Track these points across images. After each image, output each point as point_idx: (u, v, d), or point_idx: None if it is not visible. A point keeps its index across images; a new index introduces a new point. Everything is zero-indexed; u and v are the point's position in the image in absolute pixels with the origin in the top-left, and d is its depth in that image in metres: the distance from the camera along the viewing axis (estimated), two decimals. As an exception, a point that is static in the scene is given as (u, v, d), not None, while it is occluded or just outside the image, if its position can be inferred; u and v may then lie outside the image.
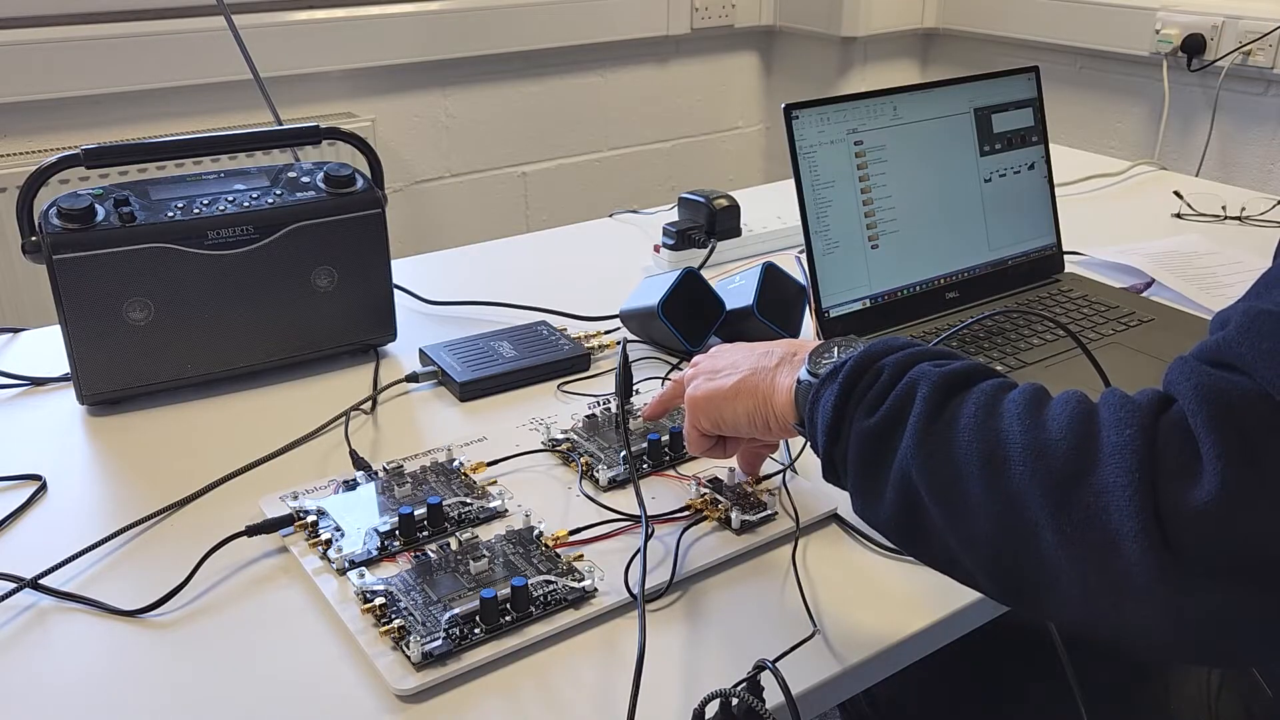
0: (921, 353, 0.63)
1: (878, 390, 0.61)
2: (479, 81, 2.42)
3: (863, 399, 0.62)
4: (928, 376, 0.59)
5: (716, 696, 0.59)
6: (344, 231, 1.01)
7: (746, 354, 0.75)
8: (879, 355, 0.63)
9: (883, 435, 0.60)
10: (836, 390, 0.63)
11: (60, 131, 1.99)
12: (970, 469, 0.55)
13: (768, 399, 0.71)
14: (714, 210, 1.30)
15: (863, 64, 2.71)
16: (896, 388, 0.60)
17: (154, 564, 0.77)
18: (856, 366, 0.63)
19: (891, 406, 0.60)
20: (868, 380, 0.62)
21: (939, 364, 0.61)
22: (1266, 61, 2.13)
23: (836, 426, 0.62)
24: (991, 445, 0.55)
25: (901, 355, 0.63)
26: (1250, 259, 1.32)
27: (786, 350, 0.73)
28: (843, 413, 0.62)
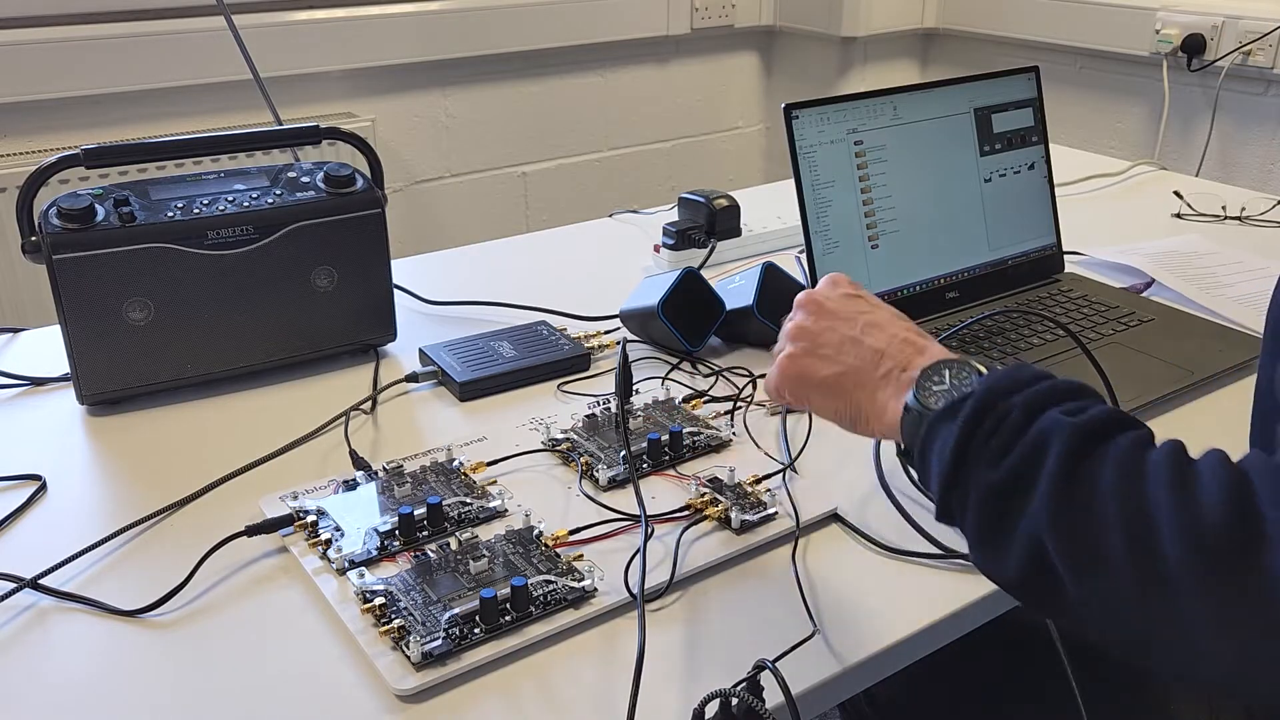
0: (1047, 392, 0.58)
1: (1003, 438, 0.56)
2: (479, 81, 2.42)
3: (985, 446, 0.57)
4: (1060, 429, 0.55)
5: (716, 696, 0.59)
6: (344, 231, 1.01)
7: (853, 334, 0.69)
8: (1001, 394, 0.58)
9: (1010, 492, 0.55)
10: (956, 435, 0.57)
11: (60, 131, 1.99)
12: (1114, 543, 0.51)
13: (864, 412, 0.67)
14: (714, 210, 1.30)
15: (863, 64, 2.71)
16: (1024, 439, 0.56)
17: (154, 564, 0.77)
18: (979, 409, 0.58)
19: (1020, 460, 0.55)
20: (990, 425, 0.57)
21: (1069, 410, 0.56)
22: (1266, 61, 2.13)
23: (955, 473, 0.58)
24: (1138, 519, 0.51)
25: (1029, 396, 0.57)
26: (1250, 259, 1.32)
27: (896, 352, 0.67)
28: (963, 459, 0.57)
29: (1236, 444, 0.90)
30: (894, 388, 0.65)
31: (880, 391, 0.66)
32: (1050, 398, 0.58)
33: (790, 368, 0.70)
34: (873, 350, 0.68)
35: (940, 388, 0.62)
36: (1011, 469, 0.55)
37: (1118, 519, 0.51)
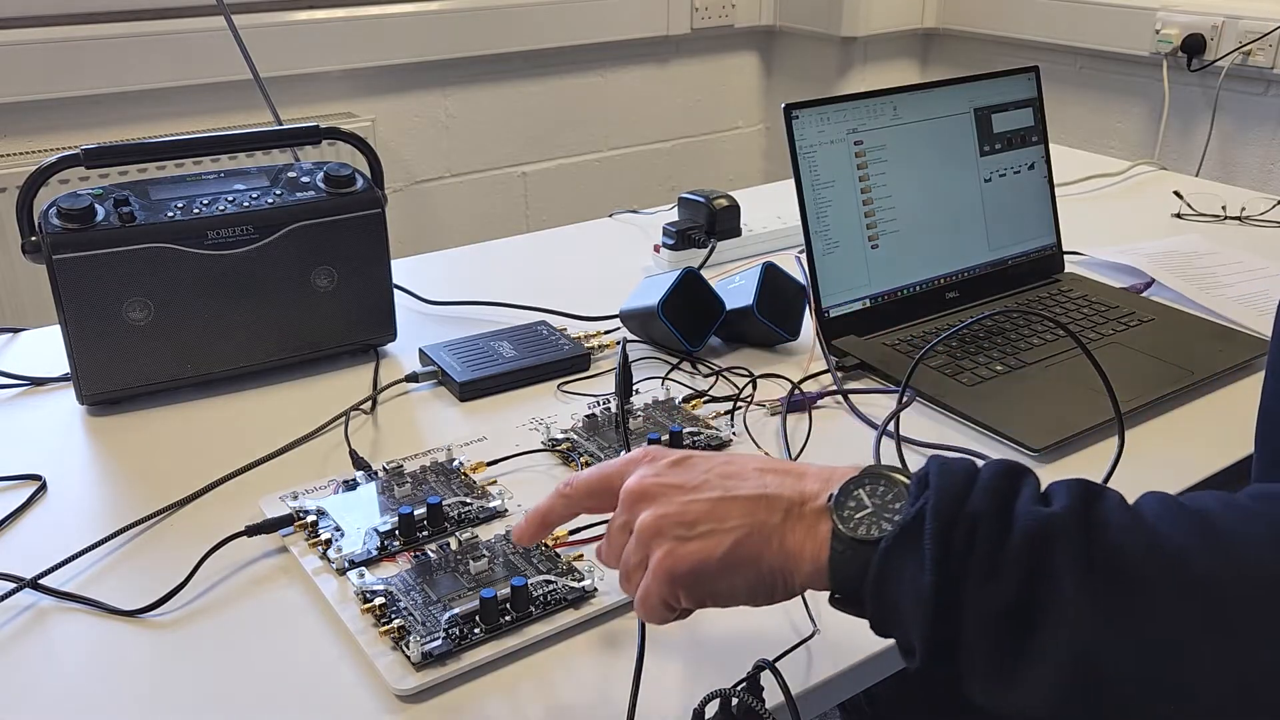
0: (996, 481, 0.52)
1: (985, 553, 0.49)
2: (479, 81, 2.42)
3: (966, 566, 0.49)
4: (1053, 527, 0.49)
5: (716, 696, 0.59)
6: (344, 231, 1.01)
7: (719, 495, 0.57)
8: (955, 501, 0.51)
9: (1020, 614, 0.48)
10: (930, 565, 0.50)
11: (60, 131, 1.99)
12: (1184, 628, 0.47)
13: (779, 571, 0.55)
14: (714, 210, 1.30)
15: (863, 64, 2.71)
16: (1010, 546, 0.49)
17: (154, 564, 0.77)
18: (944, 525, 0.50)
19: (1022, 573, 0.49)
20: (962, 540, 0.50)
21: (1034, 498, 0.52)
22: (1266, 61, 2.13)
23: (941, 608, 0.50)
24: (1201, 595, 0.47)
25: (985, 497, 0.51)
26: (1250, 259, 1.32)
27: (778, 488, 0.57)
28: (945, 590, 0.49)
29: (1236, 445, 0.90)
30: (803, 527, 0.55)
31: (788, 538, 0.55)
32: (1005, 489, 0.52)
33: (676, 565, 0.56)
34: (753, 499, 0.57)
35: (864, 513, 0.54)
36: (1014, 586, 0.49)
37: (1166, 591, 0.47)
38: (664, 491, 0.58)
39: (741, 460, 0.60)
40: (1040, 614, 0.48)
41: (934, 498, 0.51)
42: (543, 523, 0.64)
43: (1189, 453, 0.90)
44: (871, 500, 0.54)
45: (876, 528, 0.53)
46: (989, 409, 0.94)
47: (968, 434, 0.93)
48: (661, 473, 0.59)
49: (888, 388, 1.00)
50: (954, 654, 0.51)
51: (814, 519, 0.55)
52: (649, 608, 0.58)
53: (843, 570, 0.54)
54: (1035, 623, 0.48)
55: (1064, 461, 0.89)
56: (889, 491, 0.54)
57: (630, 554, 0.59)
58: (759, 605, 0.57)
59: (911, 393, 0.97)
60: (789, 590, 0.56)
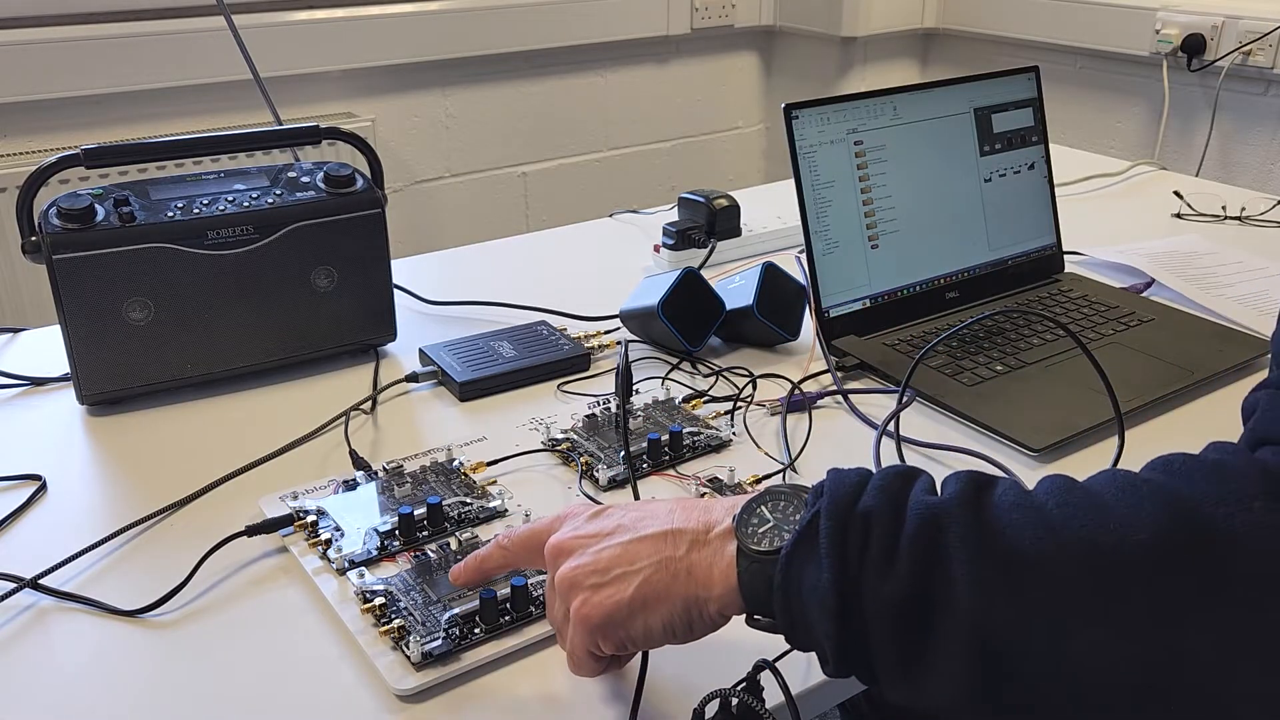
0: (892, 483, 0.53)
1: (879, 545, 0.50)
2: (479, 81, 2.42)
3: (863, 560, 0.50)
4: (942, 509, 0.50)
5: (716, 696, 0.59)
6: (344, 231, 1.01)
7: (635, 532, 0.58)
8: (848, 502, 0.52)
9: (919, 600, 0.49)
10: (827, 564, 0.50)
11: (60, 131, 1.99)
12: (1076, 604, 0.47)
13: (690, 600, 0.56)
14: (714, 210, 1.30)
15: (863, 64, 2.71)
16: (904, 536, 0.50)
17: (154, 564, 0.77)
18: (837, 525, 0.51)
19: (916, 560, 0.49)
20: (857, 538, 0.51)
21: (925, 489, 0.53)
22: (1266, 61, 2.13)
23: (843, 605, 0.50)
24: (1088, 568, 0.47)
25: (876, 495, 0.52)
26: (1250, 259, 1.32)
27: (683, 520, 0.58)
28: (844, 587, 0.50)
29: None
30: (709, 552, 0.56)
31: (695, 567, 0.56)
32: (895, 486, 0.53)
33: (591, 613, 0.57)
34: (659, 535, 0.57)
35: (766, 527, 0.54)
36: (909, 573, 0.49)
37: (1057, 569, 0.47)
38: (579, 544, 0.60)
39: (654, 504, 0.61)
40: (937, 600, 0.49)
41: (827, 500, 0.52)
42: (479, 568, 0.67)
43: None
44: (773, 515, 0.55)
45: (778, 538, 0.54)
46: (989, 409, 0.94)
47: (968, 434, 0.93)
48: (579, 526, 0.61)
49: (888, 388, 1.00)
50: (864, 655, 0.51)
51: (720, 543, 0.56)
52: (576, 660, 0.60)
53: (751, 586, 0.54)
54: (933, 610, 0.49)
55: (1064, 461, 0.89)
56: (789, 504, 0.55)
57: (556, 611, 0.61)
58: (681, 642, 0.58)
59: (911, 393, 0.97)
60: (707, 619, 0.57)
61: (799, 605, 0.52)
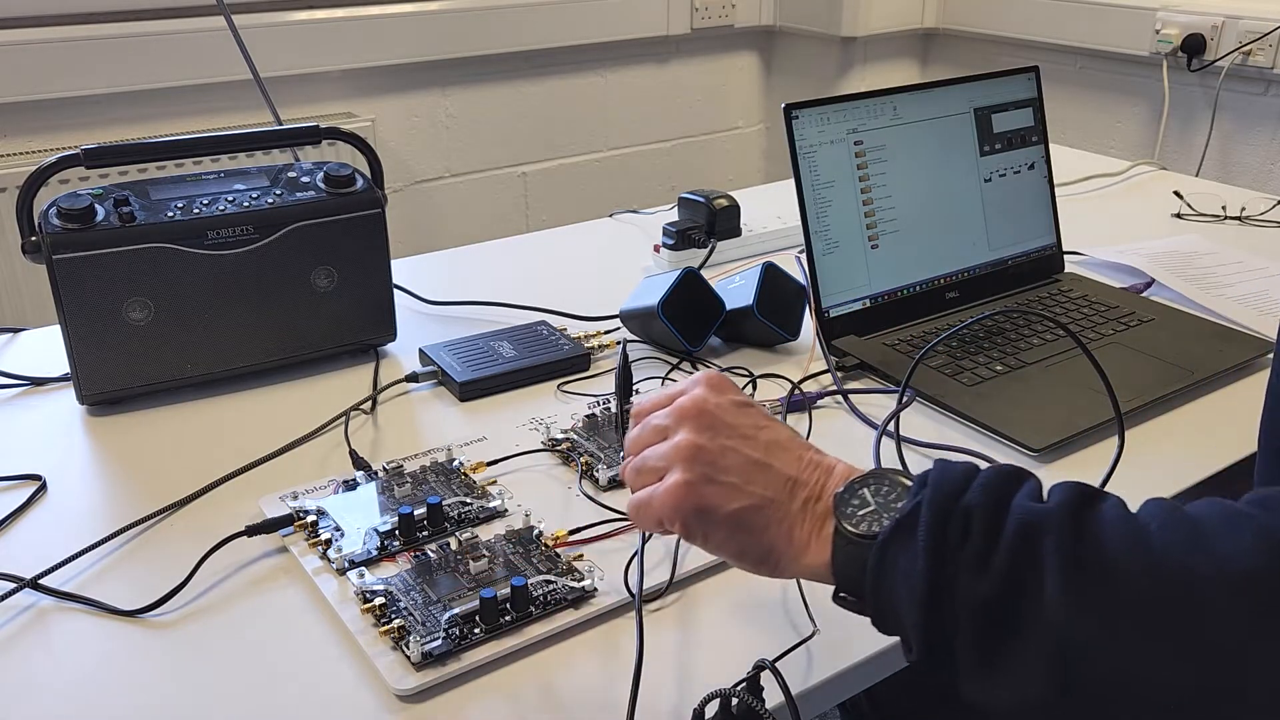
0: (996, 483, 0.53)
1: (978, 544, 0.51)
2: (479, 81, 2.42)
3: (960, 555, 0.51)
4: (1044, 516, 0.51)
5: (716, 696, 0.59)
6: (344, 231, 1.01)
7: (758, 457, 0.59)
8: (951, 497, 0.52)
9: (1008, 603, 0.50)
10: (924, 555, 0.51)
11: (60, 131, 1.99)
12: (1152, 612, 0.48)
13: (777, 551, 0.57)
14: (714, 210, 1.30)
15: (863, 64, 2.71)
16: (1004, 538, 0.51)
17: (154, 564, 0.77)
18: (937, 518, 0.52)
19: (1011, 564, 0.50)
20: (956, 532, 0.51)
21: (1030, 495, 0.53)
22: (1266, 61, 2.13)
23: (934, 597, 0.51)
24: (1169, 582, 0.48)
25: (980, 493, 0.52)
26: (1250, 259, 1.32)
27: (808, 478, 0.59)
28: (939, 579, 0.51)
29: (1236, 445, 0.90)
30: (812, 522, 0.57)
31: (797, 528, 0.57)
32: (1002, 487, 0.53)
33: (688, 498, 0.58)
34: (784, 478, 0.58)
35: (866, 510, 0.55)
36: (1003, 575, 0.50)
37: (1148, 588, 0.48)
38: (714, 425, 0.59)
39: (789, 437, 0.61)
40: (1026, 604, 0.49)
41: (931, 492, 0.53)
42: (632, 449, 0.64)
43: (1189, 453, 0.90)
44: (874, 499, 0.55)
45: (877, 523, 0.54)
46: (989, 409, 0.94)
47: (968, 434, 0.93)
48: (721, 407, 0.60)
49: (888, 388, 1.00)
50: (949, 647, 0.52)
51: (823, 517, 0.57)
52: (643, 514, 0.60)
53: (845, 566, 0.55)
54: (1021, 612, 0.50)
55: (1064, 461, 0.89)
56: (892, 490, 0.56)
57: (653, 457, 0.60)
58: (740, 568, 0.59)
59: (911, 393, 0.97)
60: (776, 571, 0.58)
61: (890, 591, 0.53)
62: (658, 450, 0.60)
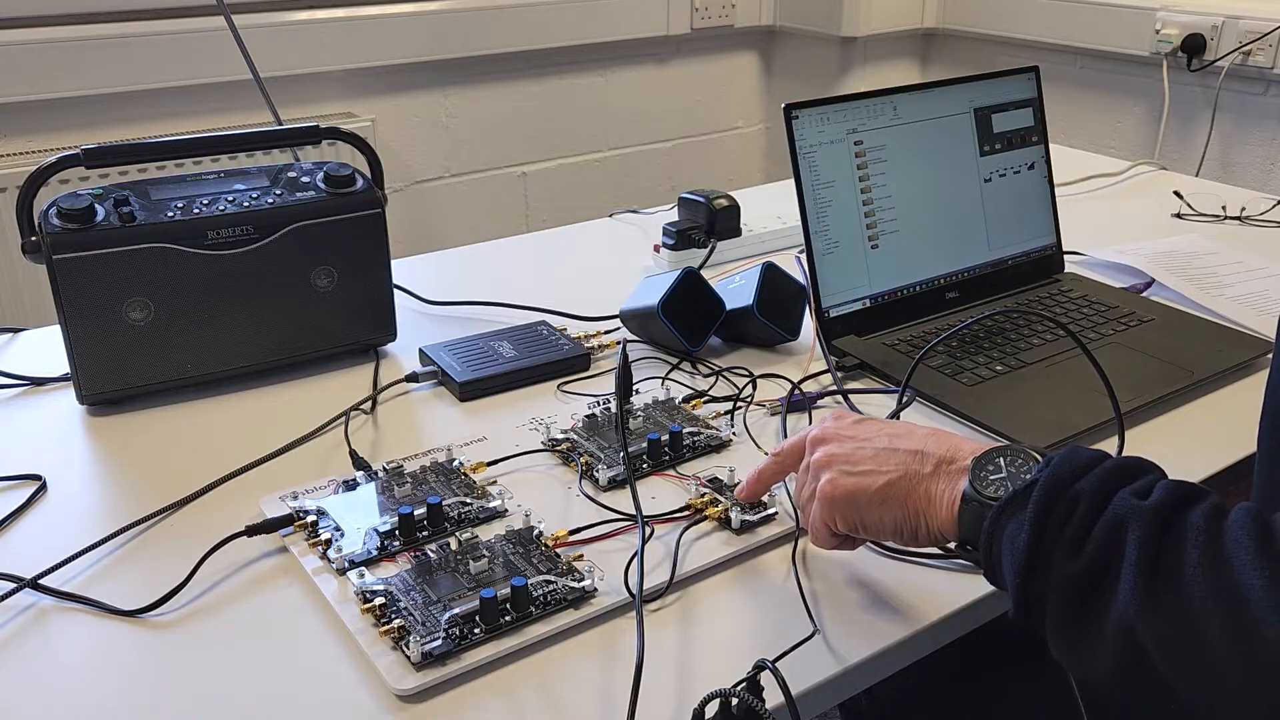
0: (1113, 473, 0.58)
1: (1076, 526, 0.56)
2: (479, 81, 2.41)
3: (1060, 534, 0.57)
4: (1135, 514, 0.55)
5: (716, 696, 0.59)
6: (344, 231, 1.01)
7: (884, 445, 0.68)
8: (1067, 480, 0.58)
9: (1092, 582, 0.55)
10: (1028, 526, 0.57)
11: (60, 131, 1.99)
12: (1211, 632, 0.51)
13: (921, 513, 0.65)
14: (714, 210, 1.30)
15: (863, 64, 2.71)
16: (1099, 525, 0.56)
17: (154, 564, 0.77)
18: (1048, 497, 0.58)
19: (1099, 549, 0.55)
20: (1061, 512, 0.57)
21: (1138, 490, 0.57)
22: (1266, 61, 2.13)
23: (1031, 566, 0.57)
24: (1232, 604, 0.51)
25: (1095, 480, 0.58)
26: (1250, 259, 1.32)
27: (934, 448, 0.66)
28: (1037, 551, 0.57)
29: (1236, 445, 0.90)
30: (945, 480, 0.64)
31: (933, 486, 0.65)
32: (1116, 478, 0.58)
33: (835, 491, 0.67)
34: (911, 452, 0.67)
35: (997, 476, 0.62)
36: (1091, 558, 0.55)
37: (1210, 606, 0.51)
38: (838, 437, 0.70)
39: (912, 426, 0.70)
40: (1103, 591, 0.55)
41: (1050, 472, 0.59)
42: (760, 480, 0.77)
43: (1189, 453, 0.90)
44: (1008, 468, 0.62)
45: (1003, 489, 0.61)
46: (989, 409, 0.94)
47: (968, 434, 0.93)
48: (841, 426, 0.71)
49: (888, 388, 1.00)
50: (1041, 611, 0.58)
51: (956, 477, 0.64)
52: (813, 529, 0.71)
53: (968, 523, 0.62)
54: (1098, 599, 0.55)
55: (1064, 461, 0.89)
56: (1025, 464, 0.62)
57: (804, 487, 0.71)
58: (904, 544, 0.68)
59: (911, 393, 0.97)
60: (930, 536, 0.65)
61: (997, 551, 0.60)
62: (799, 486, 0.72)
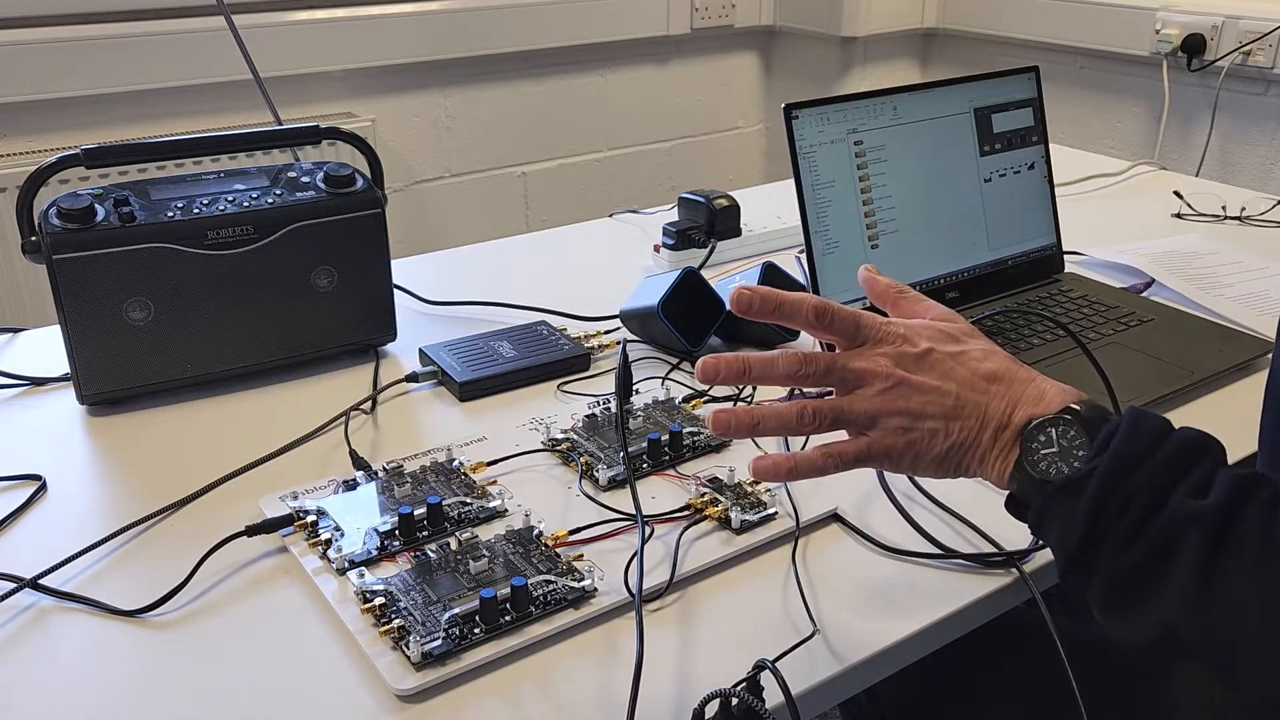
0: (1173, 463, 0.58)
1: (1130, 522, 0.57)
2: (479, 81, 2.41)
3: (1113, 528, 0.57)
4: (1192, 521, 0.55)
5: (716, 696, 0.59)
6: (344, 231, 1.01)
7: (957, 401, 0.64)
8: (1125, 472, 0.58)
9: (1142, 580, 0.57)
10: (1083, 518, 0.58)
11: (60, 131, 1.99)
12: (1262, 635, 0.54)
13: (971, 468, 0.65)
14: (714, 210, 1.30)
15: (863, 64, 2.71)
16: (1154, 526, 0.56)
17: (154, 564, 0.77)
18: (1103, 491, 0.58)
19: (1150, 552, 0.56)
20: (1115, 507, 0.57)
21: (1194, 487, 0.57)
22: (1266, 61, 2.13)
23: (1082, 551, 0.59)
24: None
25: (1152, 474, 0.57)
26: (1250, 259, 1.32)
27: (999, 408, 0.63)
28: (1090, 542, 0.58)
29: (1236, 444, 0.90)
30: (1000, 446, 0.63)
31: (988, 451, 0.64)
32: (1174, 471, 0.57)
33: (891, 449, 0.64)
34: (976, 412, 0.64)
35: (1049, 451, 0.61)
36: (1142, 560, 0.56)
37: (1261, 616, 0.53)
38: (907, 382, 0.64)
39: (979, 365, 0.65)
40: (1151, 589, 0.56)
41: (1107, 463, 0.58)
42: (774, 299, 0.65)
43: None
44: (1059, 440, 0.61)
45: (1055, 469, 0.60)
46: (989, 409, 0.94)
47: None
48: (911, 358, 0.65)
49: (888, 388, 1.00)
50: (1085, 585, 0.60)
51: (1009, 446, 0.63)
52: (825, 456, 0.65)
53: (1020, 494, 0.63)
54: (1146, 592, 0.57)
55: (1064, 461, 0.89)
56: (1078, 436, 0.60)
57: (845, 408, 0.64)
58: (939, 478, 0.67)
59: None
60: (973, 474, 0.65)
61: (1048, 532, 0.61)
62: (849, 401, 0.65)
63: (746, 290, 0.65)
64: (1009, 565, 0.75)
